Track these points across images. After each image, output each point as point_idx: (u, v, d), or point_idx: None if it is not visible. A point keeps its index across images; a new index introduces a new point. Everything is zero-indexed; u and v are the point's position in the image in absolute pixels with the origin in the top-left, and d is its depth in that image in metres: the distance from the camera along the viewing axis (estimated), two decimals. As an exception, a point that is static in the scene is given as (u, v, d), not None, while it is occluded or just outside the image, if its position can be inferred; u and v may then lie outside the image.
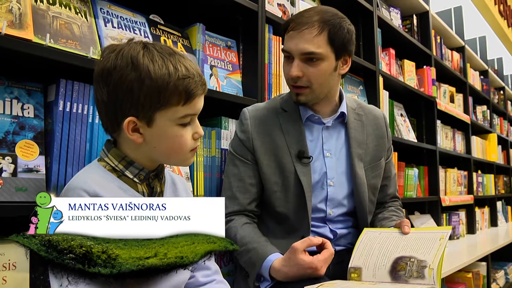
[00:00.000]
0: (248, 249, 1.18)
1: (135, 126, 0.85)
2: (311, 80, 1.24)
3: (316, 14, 1.22)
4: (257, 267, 1.14)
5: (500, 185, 4.92)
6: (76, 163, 1.07)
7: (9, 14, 0.97)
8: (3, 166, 0.96)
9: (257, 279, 1.16)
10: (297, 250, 1.08)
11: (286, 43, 1.26)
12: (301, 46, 1.21)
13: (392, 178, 1.47)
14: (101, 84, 0.84)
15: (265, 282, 1.16)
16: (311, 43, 1.20)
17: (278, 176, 1.28)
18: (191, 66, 0.86)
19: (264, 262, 1.13)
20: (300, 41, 1.21)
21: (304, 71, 1.23)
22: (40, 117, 1.05)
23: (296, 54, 1.22)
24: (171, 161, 0.93)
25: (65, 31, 1.10)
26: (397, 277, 1.06)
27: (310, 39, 1.20)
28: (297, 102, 1.30)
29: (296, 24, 1.22)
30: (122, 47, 0.85)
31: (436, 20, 3.34)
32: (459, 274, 2.76)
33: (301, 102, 1.29)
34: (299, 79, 1.23)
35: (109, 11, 1.26)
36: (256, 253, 1.16)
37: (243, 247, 1.19)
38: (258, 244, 1.18)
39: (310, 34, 1.20)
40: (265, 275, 1.14)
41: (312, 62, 1.22)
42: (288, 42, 1.24)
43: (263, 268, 1.13)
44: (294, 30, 1.22)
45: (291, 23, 1.24)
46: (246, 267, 1.18)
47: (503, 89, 5.42)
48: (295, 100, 1.29)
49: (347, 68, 1.31)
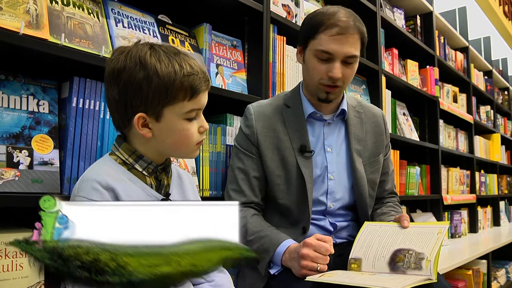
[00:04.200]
0: (260, 236, 1.23)
1: (145, 122, 0.89)
2: (346, 80, 1.30)
3: (352, 18, 1.26)
4: (271, 252, 1.19)
5: (503, 185, 4.93)
6: (88, 157, 1.12)
7: (26, 15, 1.02)
8: (20, 159, 1.01)
9: (268, 265, 1.21)
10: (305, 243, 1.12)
11: (328, 45, 1.25)
12: (347, 49, 1.25)
13: (390, 174, 1.51)
14: (112, 83, 0.89)
15: (275, 267, 1.21)
16: (354, 47, 1.26)
17: (281, 169, 1.33)
18: (195, 64, 0.91)
19: (278, 248, 1.18)
20: (346, 45, 1.25)
21: (343, 72, 1.28)
22: (55, 113, 1.10)
23: (339, 57, 1.26)
24: (178, 154, 0.97)
25: (79, 31, 1.15)
26: (395, 268, 1.10)
27: (353, 43, 1.26)
28: (326, 100, 1.33)
29: (342, 29, 1.24)
30: (130, 48, 0.90)
31: (440, 21, 3.37)
32: (459, 271, 2.79)
33: (330, 100, 1.33)
34: (338, 80, 1.28)
35: (120, 12, 1.31)
36: (270, 239, 1.21)
37: (255, 235, 1.23)
38: (270, 232, 1.24)
39: (353, 39, 1.26)
40: (277, 260, 1.19)
41: (349, 64, 1.28)
42: (331, 44, 1.25)
43: (276, 254, 1.18)
44: (341, 34, 1.24)
45: (332, 26, 1.24)
46: (257, 253, 1.22)
47: (507, 90, 5.43)
48: (324, 98, 1.33)
49: None
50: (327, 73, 1.27)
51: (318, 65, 1.29)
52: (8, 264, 0.94)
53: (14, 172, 0.99)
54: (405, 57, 2.92)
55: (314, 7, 2.00)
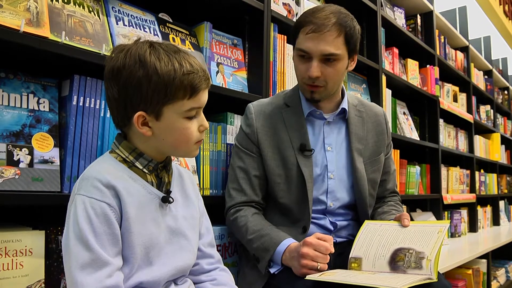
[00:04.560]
0: (261, 235, 1.22)
1: (144, 120, 0.89)
2: (327, 79, 1.28)
3: (333, 15, 1.24)
4: (271, 251, 1.19)
5: (503, 185, 4.94)
6: (88, 155, 1.12)
7: (27, 13, 1.02)
8: (20, 157, 1.00)
9: (268, 264, 1.21)
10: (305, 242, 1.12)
11: (304, 43, 1.26)
12: (322, 47, 1.24)
13: (392, 174, 1.51)
14: (112, 82, 0.89)
15: (275, 266, 1.20)
16: (331, 45, 1.24)
17: (281, 168, 1.33)
18: (195, 62, 0.91)
19: (278, 247, 1.18)
20: (321, 43, 1.23)
21: (322, 71, 1.26)
22: (55, 111, 1.09)
23: (316, 55, 1.25)
24: (177, 152, 0.97)
25: (79, 29, 1.14)
26: (395, 267, 1.10)
27: (330, 41, 1.24)
28: (311, 100, 1.34)
29: (316, 26, 1.23)
30: (130, 46, 0.89)
31: (440, 20, 3.37)
32: (459, 270, 2.79)
33: (315, 100, 1.33)
34: (317, 79, 1.27)
35: (121, 10, 1.31)
36: (270, 238, 1.21)
37: (255, 234, 1.23)
38: (270, 231, 1.23)
39: (330, 36, 1.23)
40: (277, 259, 1.19)
41: (329, 62, 1.26)
42: (307, 43, 1.25)
43: (277, 253, 1.18)
44: (315, 32, 1.23)
45: (308, 24, 1.24)
46: (258, 252, 1.22)
47: (507, 89, 5.43)
48: (309, 98, 1.33)
49: (354, 65, 1.36)
50: (306, 72, 1.27)
51: (299, 65, 1.30)
52: (9, 263, 0.94)
53: (14, 170, 0.99)
54: (406, 56, 2.92)
55: (315, 6, 2.00)
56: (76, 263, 0.79)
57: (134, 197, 0.88)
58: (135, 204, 0.88)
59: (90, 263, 0.80)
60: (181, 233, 0.96)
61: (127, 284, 0.86)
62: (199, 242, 1.03)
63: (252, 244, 1.24)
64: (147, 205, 0.90)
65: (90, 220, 0.81)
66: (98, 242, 0.81)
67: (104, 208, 0.83)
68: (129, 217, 0.86)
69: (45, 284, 1.00)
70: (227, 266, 1.10)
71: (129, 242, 0.86)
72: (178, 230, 0.96)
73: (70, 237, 0.82)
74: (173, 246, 0.94)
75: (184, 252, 0.96)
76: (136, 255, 0.87)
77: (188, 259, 0.97)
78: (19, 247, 0.96)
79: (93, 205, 0.82)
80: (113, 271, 0.81)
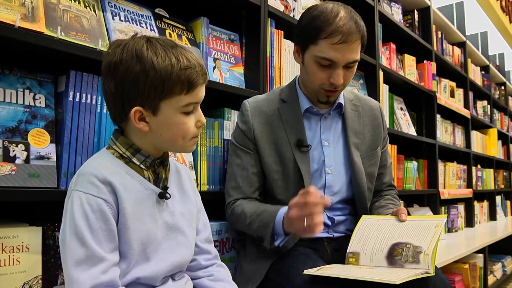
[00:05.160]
0: (257, 213, 1.23)
1: (142, 116, 0.88)
2: (346, 83, 1.29)
3: (353, 22, 1.22)
4: (271, 224, 1.18)
5: (500, 180, 4.96)
6: (85, 151, 1.11)
7: (22, 8, 1.01)
8: (16, 153, 1.00)
9: (272, 239, 1.20)
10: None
11: (330, 52, 1.22)
12: (349, 56, 1.23)
13: (388, 167, 1.51)
14: (109, 77, 0.88)
15: (279, 238, 1.19)
16: (356, 53, 1.25)
17: (278, 165, 1.33)
18: (192, 57, 0.90)
19: (276, 217, 1.17)
20: (348, 52, 1.23)
21: (344, 77, 1.27)
22: (51, 107, 1.09)
23: (342, 63, 1.24)
24: (174, 148, 0.97)
25: (75, 24, 1.14)
26: (393, 262, 1.10)
27: (355, 49, 1.24)
28: (326, 103, 1.34)
29: (345, 37, 1.20)
30: (127, 41, 0.89)
31: (437, 15, 3.36)
32: (456, 265, 2.80)
33: (330, 102, 1.34)
34: (340, 85, 1.27)
35: (117, 5, 1.30)
36: (267, 213, 1.21)
37: (252, 216, 1.23)
38: (266, 207, 1.24)
39: (355, 45, 1.24)
40: (278, 231, 1.18)
41: (350, 68, 1.27)
42: (335, 52, 1.22)
43: (277, 223, 1.17)
44: (345, 42, 1.21)
45: (335, 34, 1.20)
46: (259, 231, 1.21)
47: (504, 85, 5.44)
48: (324, 101, 1.33)
49: None
50: (328, 79, 1.26)
51: (319, 71, 1.27)
52: (5, 259, 0.94)
53: (10, 166, 0.98)
54: (403, 51, 2.92)
55: (313, 1, 1.99)
56: (71, 259, 0.80)
57: (131, 193, 0.88)
58: (132, 200, 0.88)
59: (85, 259, 0.80)
60: (178, 229, 0.96)
61: (124, 279, 0.86)
62: (196, 238, 1.03)
63: (253, 225, 1.23)
64: (144, 201, 0.90)
65: (86, 216, 0.81)
66: (94, 238, 0.81)
67: (100, 204, 0.83)
68: (126, 213, 0.86)
69: (43, 280, 1.00)
70: (224, 261, 1.11)
71: (126, 238, 0.86)
72: (175, 226, 0.96)
73: (67, 233, 0.82)
74: (170, 242, 0.94)
75: (181, 248, 0.96)
76: (133, 251, 0.87)
77: (185, 255, 0.97)
78: (16, 243, 0.96)
79: (90, 201, 0.82)
80: (108, 267, 0.81)
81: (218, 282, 1.02)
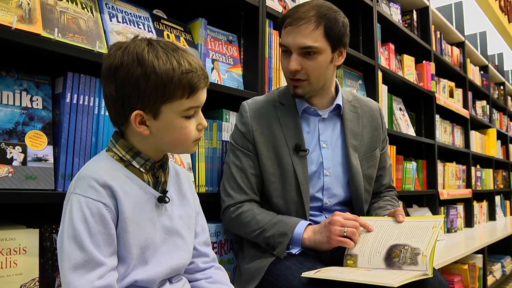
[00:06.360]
0: (273, 222, 1.25)
1: (142, 119, 0.88)
2: (309, 73, 1.27)
3: (312, 9, 1.25)
4: (289, 234, 1.21)
5: (499, 180, 4.96)
6: (82, 153, 1.11)
7: (19, 9, 1.01)
8: (13, 155, 1.00)
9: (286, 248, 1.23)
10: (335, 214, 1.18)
11: (283, 38, 1.28)
12: (299, 40, 1.24)
13: (387, 169, 1.50)
14: (109, 80, 0.87)
15: (295, 247, 1.23)
16: (309, 38, 1.24)
17: (276, 168, 1.32)
18: (193, 60, 0.89)
19: (296, 229, 1.22)
20: (298, 36, 1.24)
21: (302, 64, 1.26)
22: (48, 109, 1.08)
23: (294, 49, 1.26)
24: (175, 150, 0.97)
25: (72, 25, 1.13)
26: (391, 263, 1.10)
27: (307, 34, 1.23)
28: (294, 95, 1.33)
29: (293, 20, 1.24)
30: (127, 44, 0.88)
31: (436, 15, 3.36)
32: (455, 266, 2.80)
33: (299, 95, 1.32)
34: (297, 73, 1.27)
35: (114, 6, 1.30)
36: (285, 224, 1.23)
37: (268, 223, 1.25)
38: (282, 217, 1.27)
39: (307, 29, 1.23)
40: (296, 241, 1.22)
41: (309, 56, 1.26)
42: (286, 37, 1.27)
43: (295, 235, 1.21)
44: (291, 25, 1.25)
45: (287, 18, 1.26)
46: (274, 239, 1.23)
47: (503, 84, 5.44)
48: (292, 93, 1.33)
49: (342, 59, 1.35)
50: (288, 67, 1.28)
51: (283, 59, 1.32)
52: (2, 261, 0.94)
53: (7, 168, 0.98)
54: (402, 52, 2.92)
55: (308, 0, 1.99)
56: (69, 263, 0.79)
57: (130, 197, 0.87)
58: (131, 204, 0.87)
59: (83, 264, 0.79)
60: (176, 233, 0.96)
61: (122, 283, 0.86)
62: (195, 241, 1.03)
63: (266, 232, 1.24)
64: (143, 205, 0.90)
65: (85, 220, 0.81)
66: (93, 242, 0.81)
67: (100, 208, 0.82)
68: (126, 217, 0.86)
69: (40, 282, 1.00)
70: (223, 263, 1.10)
71: (125, 242, 0.86)
72: (174, 230, 0.95)
73: (65, 236, 0.81)
74: (169, 245, 0.94)
75: (179, 251, 0.95)
76: (132, 255, 0.87)
77: (184, 258, 0.97)
78: (13, 246, 0.95)
79: (89, 205, 0.82)
80: (106, 272, 0.81)
81: (216, 285, 1.02)
